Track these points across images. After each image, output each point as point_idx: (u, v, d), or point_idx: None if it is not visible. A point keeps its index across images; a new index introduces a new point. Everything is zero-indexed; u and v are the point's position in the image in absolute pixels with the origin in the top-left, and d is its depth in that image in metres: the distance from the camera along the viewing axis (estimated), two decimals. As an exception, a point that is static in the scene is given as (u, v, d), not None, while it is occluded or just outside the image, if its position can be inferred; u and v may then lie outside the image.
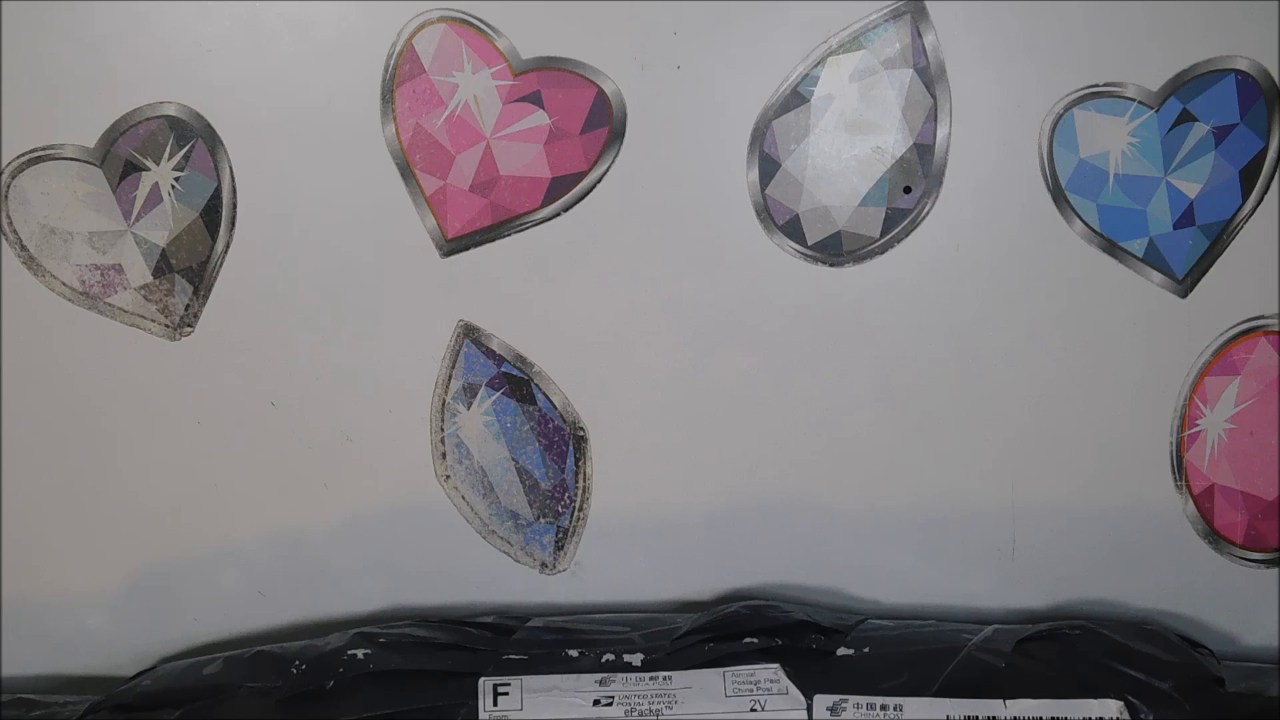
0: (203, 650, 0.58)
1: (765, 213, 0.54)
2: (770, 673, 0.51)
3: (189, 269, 0.55)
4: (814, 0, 0.52)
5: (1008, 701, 0.50)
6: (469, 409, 0.56)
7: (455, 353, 0.56)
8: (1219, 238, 0.54)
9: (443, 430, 0.56)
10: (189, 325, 0.55)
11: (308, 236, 0.54)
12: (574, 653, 0.52)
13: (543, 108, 0.53)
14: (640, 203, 0.54)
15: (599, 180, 0.54)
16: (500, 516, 0.57)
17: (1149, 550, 0.57)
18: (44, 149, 0.53)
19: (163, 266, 0.55)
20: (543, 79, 0.53)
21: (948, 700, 0.50)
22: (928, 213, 0.54)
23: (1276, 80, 0.52)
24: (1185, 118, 0.53)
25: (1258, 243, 0.54)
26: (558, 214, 0.54)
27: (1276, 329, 0.55)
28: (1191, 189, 0.53)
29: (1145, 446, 0.56)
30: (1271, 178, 0.53)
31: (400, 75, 0.53)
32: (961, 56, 0.53)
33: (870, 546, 0.57)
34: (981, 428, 0.56)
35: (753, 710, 0.50)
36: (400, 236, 0.54)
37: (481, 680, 0.51)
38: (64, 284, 0.55)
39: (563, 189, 0.54)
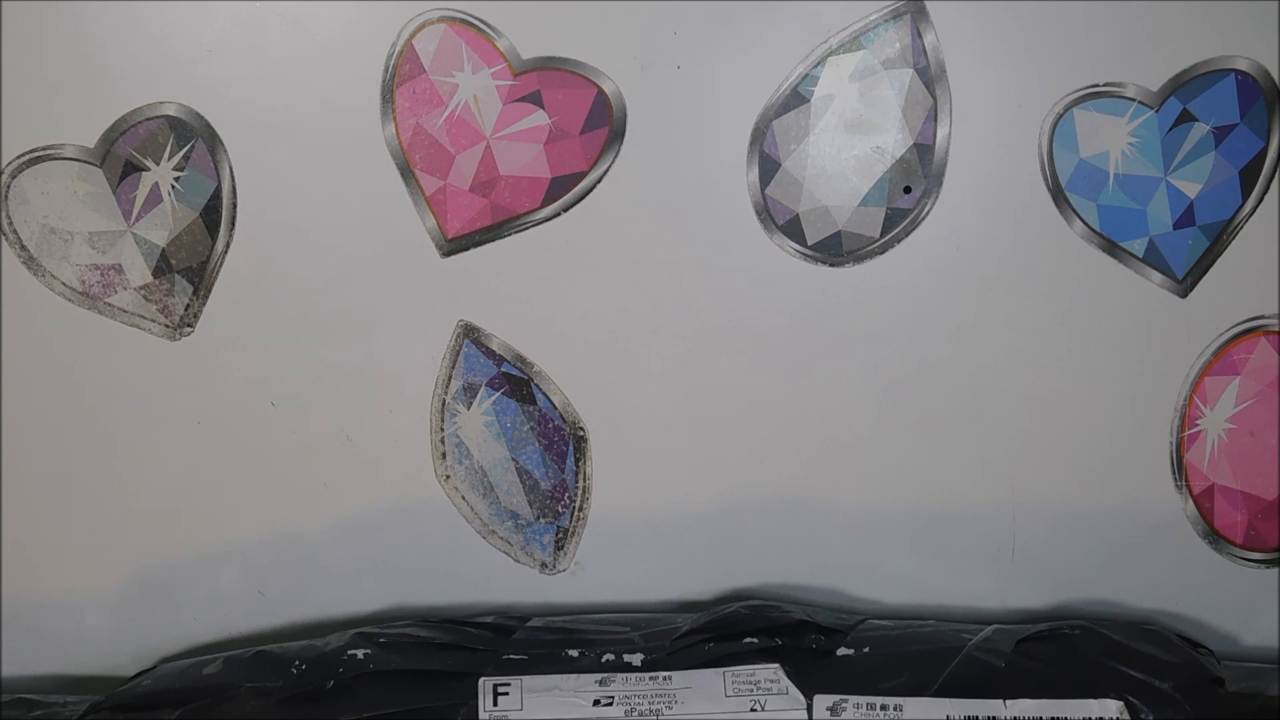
0: (203, 650, 0.58)
1: (765, 213, 0.54)
2: (770, 673, 0.51)
3: (189, 269, 0.55)
4: (814, 0, 0.52)
5: (1008, 701, 0.50)
6: (469, 409, 0.56)
7: (455, 353, 0.56)
8: (1219, 238, 0.54)
9: (443, 430, 0.56)
10: (189, 325, 0.55)
11: (308, 236, 0.54)
12: (574, 653, 0.52)
13: (543, 108, 0.53)
14: (640, 203, 0.54)
15: (599, 180, 0.54)
16: (500, 516, 0.57)
17: (1149, 550, 0.57)
18: (44, 149, 0.53)
19: (163, 266, 0.55)
20: (543, 79, 0.53)
21: (948, 700, 0.50)
22: (928, 213, 0.54)
23: (1276, 80, 0.52)
24: (1185, 118, 0.53)
25: (1258, 243, 0.54)
26: (558, 214, 0.54)
27: (1276, 329, 0.55)
28: (1191, 189, 0.53)
29: (1145, 446, 0.56)
30: (1271, 178, 0.53)
31: (400, 75, 0.53)
32: (961, 56, 0.53)
33: (870, 546, 0.57)
34: (981, 428, 0.56)
35: (753, 710, 0.50)
36: (400, 236, 0.54)
37: (481, 680, 0.51)
38: (64, 284, 0.55)
39: (563, 189, 0.54)
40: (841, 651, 0.52)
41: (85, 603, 0.58)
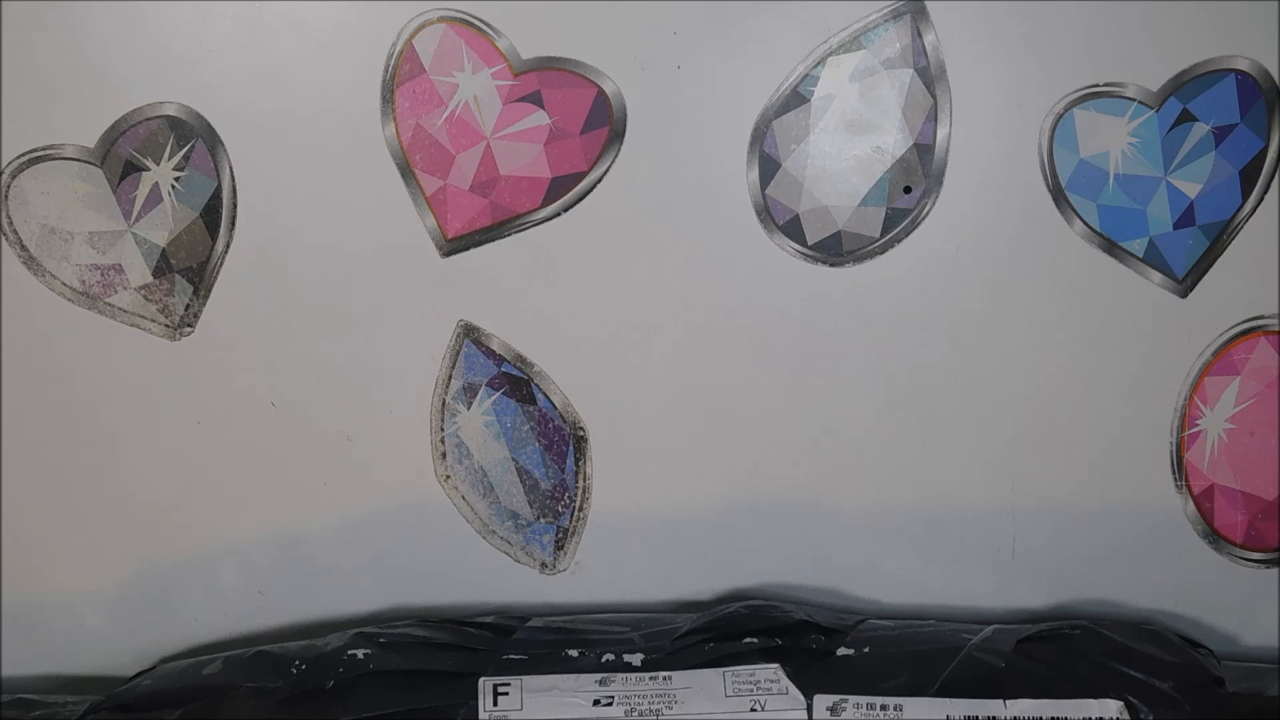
0: (203, 650, 0.58)
1: (765, 213, 0.54)
2: (770, 673, 0.51)
3: (189, 269, 0.55)
4: (814, 0, 0.52)
5: (1008, 701, 0.50)
6: (469, 409, 0.56)
7: (455, 353, 0.56)
8: (1219, 238, 0.54)
9: (443, 430, 0.56)
10: (189, 325, 0.55)
11: (308, 236, 0.54)
12: (574, 653, 0.52)
13: (543, 108, 0.53)
14: (640, 203, 0.54)
15: (599, 180, 0.54)
16: (500, 516, 0.57)
17: (1149, 550, 0.57)
18: (44, 149, 0.53)
19: (163, 266, 0.55)
20: (543, 79, 0.53)
21: (948, 700, 0.50)
22: (928, 213, 0.54)
23: (1276, 80, 0.52)
24: (1185, 118, 0.53)
25: (1258, 243, 0.54)
26: (558, 214, 0.54)
27: (1276, 329, 0.55)
28: (1191, 189, 0.53)
29: (1145, 446, 0.56)
30: (1271, 178, 0.53)
31: (400, 75, 0.53)
32: (961, 56, 0.53)
33: (870, 546, 0.57)
34: (981, 427, 0.56)
35: (753, 710, 0.50)
36: (400, 236, 0.54)
37: (481, 680, 0.51)
38: (64, 284, 0.55)
39: (563, 189, 0.54)
40: (841, 651, 0.52)
41: (85, 603, 0.58)
